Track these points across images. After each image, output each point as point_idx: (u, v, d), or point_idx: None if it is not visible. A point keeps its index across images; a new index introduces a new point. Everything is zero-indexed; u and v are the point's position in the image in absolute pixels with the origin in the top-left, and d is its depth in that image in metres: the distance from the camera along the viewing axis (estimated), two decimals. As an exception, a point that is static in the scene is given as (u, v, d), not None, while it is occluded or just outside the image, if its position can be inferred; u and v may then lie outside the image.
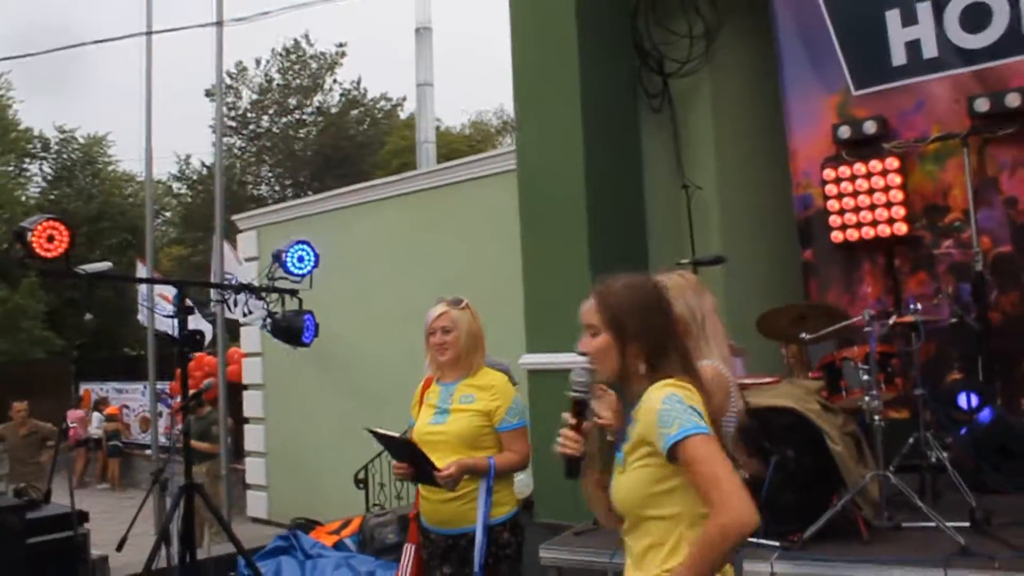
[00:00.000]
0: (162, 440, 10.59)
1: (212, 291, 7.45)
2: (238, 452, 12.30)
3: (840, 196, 6.55)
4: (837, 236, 6.59)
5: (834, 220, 6.58)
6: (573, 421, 2.21)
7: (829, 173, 6.60)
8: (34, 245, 4.39)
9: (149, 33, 7.49)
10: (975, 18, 6.08)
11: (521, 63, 7.26)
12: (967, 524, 3.86)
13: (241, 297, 5.69)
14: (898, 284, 6.42)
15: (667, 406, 2.03)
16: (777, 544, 3.88)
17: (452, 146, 27.19)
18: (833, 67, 6.75)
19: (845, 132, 6.58)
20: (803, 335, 4.43)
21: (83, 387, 18.04)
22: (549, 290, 6.87)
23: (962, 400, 5.49)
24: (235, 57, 31.10)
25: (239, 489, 12.07)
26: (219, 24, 7.18)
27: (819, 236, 6.76)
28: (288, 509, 10.44)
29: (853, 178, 6.50)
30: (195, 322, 6.31)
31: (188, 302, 5.09)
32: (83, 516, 5.13)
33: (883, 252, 6.54)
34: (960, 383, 5.69)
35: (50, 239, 4.44)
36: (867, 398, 4.00)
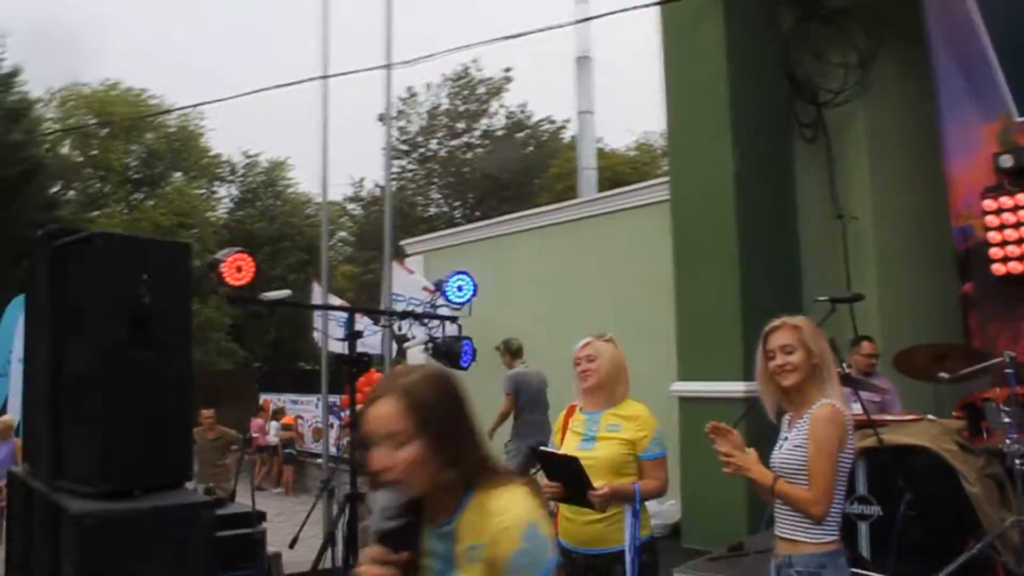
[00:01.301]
0: (332, 450, 11.23)
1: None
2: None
3: (1002, 227, 6.36)
4: (999, 268, 6.39)
5: (995, 252, 6.39)
6: (388, 556, 1.77)
7: (990, 203, 6.42)
8: (225, 275, 4.90)
9: (325, 77, 8.08)
10: None
11: (672, 94, 7.44)
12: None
13: (405, 323, 6.09)
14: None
15: (527, 545, 1.72)
16: (907, 583, 3.90)
17: (616, 168, 27.32)
18: (993, 94, 6.59)
19: (1007, 161, 6.40)
20: (942, 374, 4.41)
21: (263, 397, 19.25)
22: (701, 320, 7.00)
23: None
24: (407, 82, 32.38)
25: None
26: (388, 67, 7.65)
27: (980, 269, 6.58)
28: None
29: (1016, 208, 6.31)
30: (363, 344, 6.77)
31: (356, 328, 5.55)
32: (261, 516, 5.60)
33: (1048, 286, 6.31)
34: None
35: (239, 269, 4.95)
36: (1008, 440, 3.96)
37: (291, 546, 5.24)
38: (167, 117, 30.96)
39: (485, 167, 31.40)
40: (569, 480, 3.62)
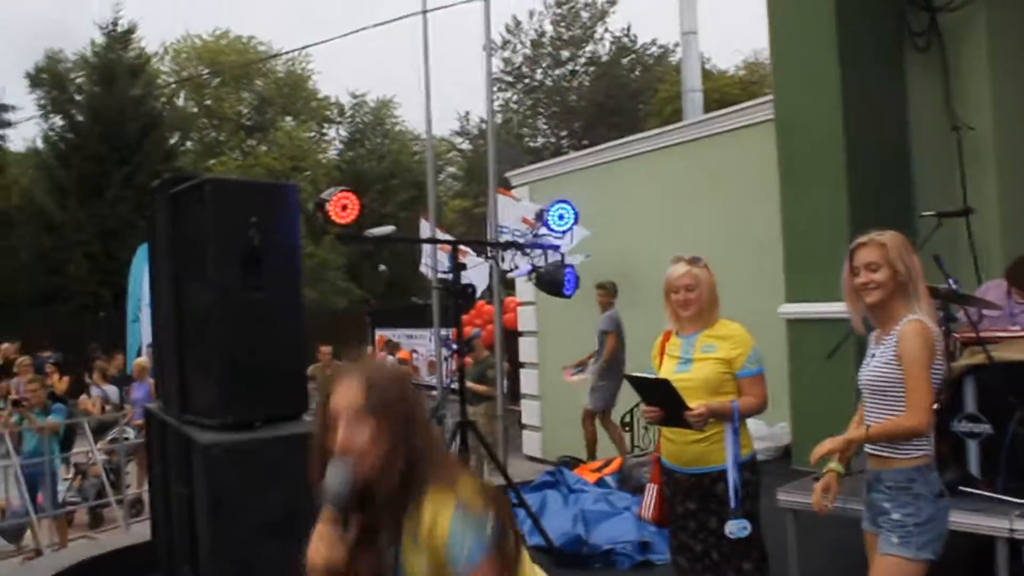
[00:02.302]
0: (446, 381, 11.55)
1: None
2: (514, 395, 13.12)
3: None
4: None
5: (1124, 158, 6.05)
6: (332, 528, 1.81)
7: (1119, 107, 6.06)
8: (331, 213, 5.06)
9: (424, 12, 8.15)
10: None
11: (776, 7, 7.21)
12: None
13: (508, 253, 6.19)
14: None
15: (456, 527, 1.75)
16: (1018, 501, 3.81)
17: (725, 90, 26.64)
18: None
19: None
20: (1059, 288, 4.25)
21: (378, 333, 19.79)
22: (808, 241, 6.87)
23: None
24: (511, 10, 32.16)
25: (515, 429, 12.89)
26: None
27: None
28: (560, 448, 11.05)
29: None
30: (471, 276, 6.90)
31: (461, 260, 5.68)
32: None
33: None
34: None
35: (344, 208, 5.11)
36: None
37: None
38: (275, 63, 31.61)
39: (592, 94, 31.09)
40: (665, 402, 3.67)
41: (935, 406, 3.00)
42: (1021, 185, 6.96)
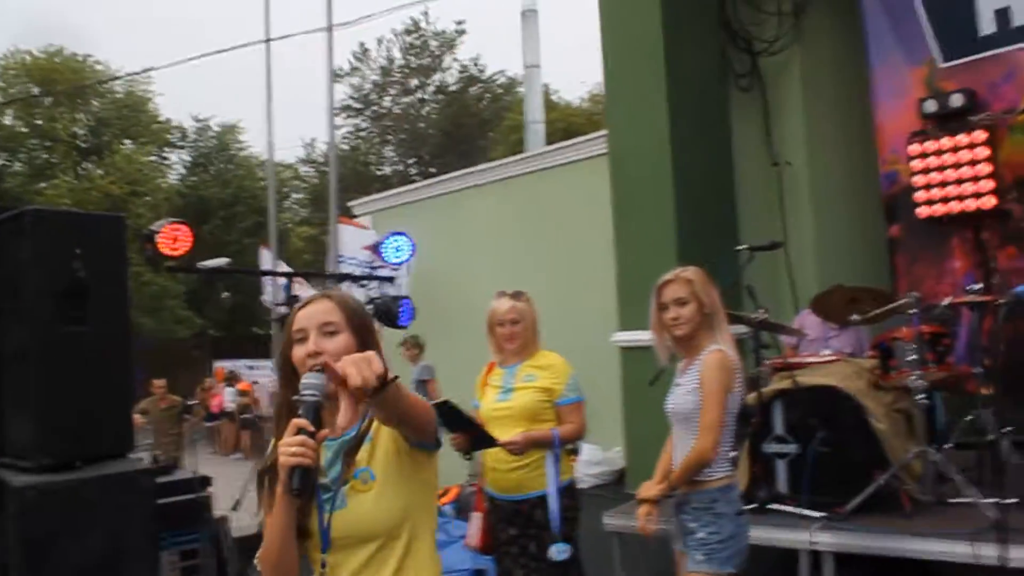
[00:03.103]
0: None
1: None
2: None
3: (926, 171, 6.54)
4: (923, 211, 6.58)
5: (920, 195, 6.57)
6: (312, 428, 1.80)
7: (915, 148, 6.59)
8: (161, 246, 4.93)
9: (268, 40, 8.10)
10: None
11: (609, 45, 7.49)
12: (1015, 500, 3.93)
13: (345, 284, 6.18)
14: (986, 259, 6.39)
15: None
16: (819, 515, 4.10)
17: (571, 120, 27.28)
18: (919, 39, 6.73)
19: (931, 106, 6.56)
20: (855, 316, 4.59)
21: (217, 364, 19.31)
22: (640, 270, 7.11)
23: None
24: (360, 38, 32.04)
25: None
26: (329, 29, 7.67)
27: (905, 212, 6.77)
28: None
29: (939, 152, 6.47)
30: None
31: (294, 292, 5.64)
32: (206, 481, 5.69)
33: (971, 226, 6.51)
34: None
35: (175, 240, 4.99)
36: (913, 377, 4.15)
37: (234, 508, 5.36)
38: (113, 84, 30.43)
39: (440, 123, 31.30)
40: (463, 426, 3.74)
41: (748, 429, 3.21)
42: (833, 218, 7.46)
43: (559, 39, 36.77)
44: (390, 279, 5.93)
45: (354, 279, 6.00)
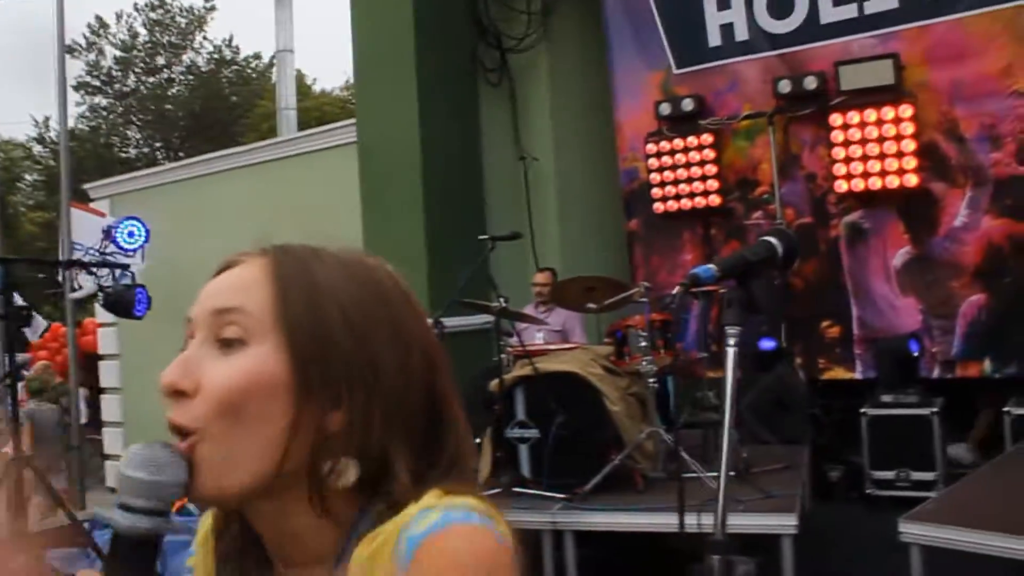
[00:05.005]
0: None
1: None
2: (96, 423, 12.18)
3: (661, 169, 6.95)
4: (659, 207, 6.99)
5: (656, 192, 6.98)
6: None
7: (651, 147, 6.98)
8: None
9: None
10: (780, 6, 6.52)
11: (360, 36, 7.43)
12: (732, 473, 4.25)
13: (71, 273, 5.75)
14: (713, 252, 6.87)
15: None
16: (560, 496, 4.26)
17: (326, 108, 26.86)
18: (657, 46, 7.11)
19: (666, 109, 6.96)
20: (590, 305, 4.80)
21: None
22: (389, 260, 7.09)
23: (764, 345, 5.94)
24: (96, 10, 29.95)
25: (98, 460, 11.97)
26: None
27: (643, 207, 7.17)
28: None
29: (673, 152, 6.90)
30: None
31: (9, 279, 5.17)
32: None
33: (700, 222, 6.99)
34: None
35: None
36: (644, 362, 4.41)
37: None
38: None
39: (189, 105, 29.86)
40: None
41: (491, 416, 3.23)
42: (576, 209, 7.76)
43: (315, 25, 36.05)
44: (124, 267, 5.56)
45: (85, 266, 5.58)
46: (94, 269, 5.61)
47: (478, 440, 3.29)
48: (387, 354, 0.87)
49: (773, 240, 1.97)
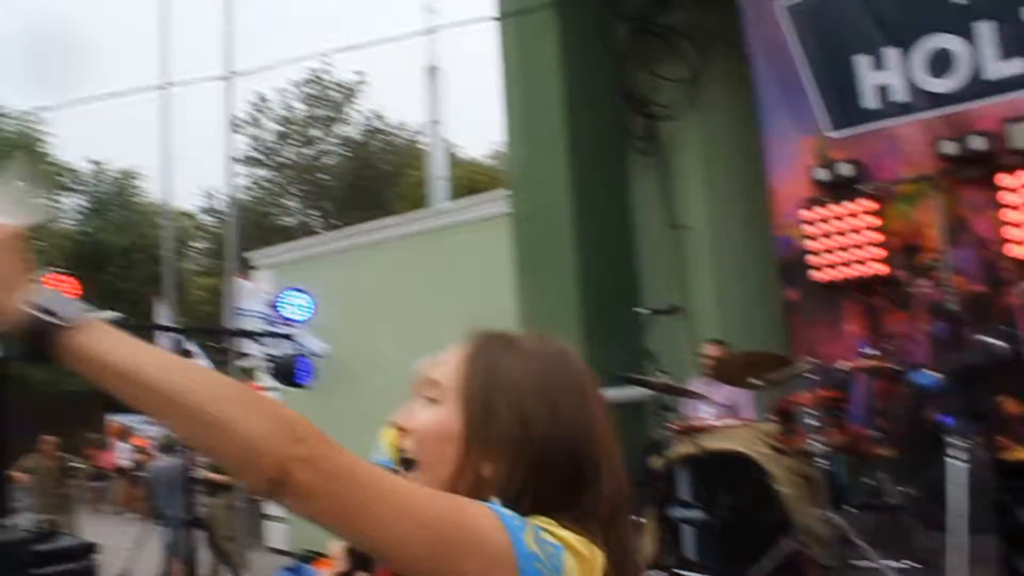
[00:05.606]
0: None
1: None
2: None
3: (819, 237, 6.73)
4: (818, 276, 6.75)
5: (814, 260, 6.75)
6: None
7: (808, 214, 6.79)
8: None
9: (163, 87, 7.92)
10: (940, 63, 6.28)
11: (511, 107, 7.58)
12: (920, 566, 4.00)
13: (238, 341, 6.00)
14: (877, 323, 6.59)
15: None
16: (729, 582, 4.12)
17: (474, 176, 27.40)
18: (809, 110, 6.95)
19: (822, 174, 6.77)
20: (753, 381, 4.66)
21: (110, 418, 18.55)
22: (542, 328, 7.12)
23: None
24: (259, 87, 31.66)
25: (257, 519, 12.36)
26: (227, 78, 7.55)
27: (801, 276, 6.93)
28: (306, 540, 10.69)
29: (831, 219, 6.68)
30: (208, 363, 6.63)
31: (188, 347, 5.45)
32: (90, 548, 5.41)
33: (864, 291, 6.71)
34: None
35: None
36: (813, 441, 4.23)
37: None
38: (5, 122, 29.42)
39: (343, 174, 31.10)
40: None
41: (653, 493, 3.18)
42: (732, 282, 7.61)
43: (461, 94, 37.08)
44: (286, 336, 5.76)
45: (251, 335, 5.82)
46: (261, 338, 5.83)
47: (641, 518, 3.21)
48: (540, 430, 1.16)
49: (997, 341, 1.85)
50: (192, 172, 29.64)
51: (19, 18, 48.47)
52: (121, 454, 17.49)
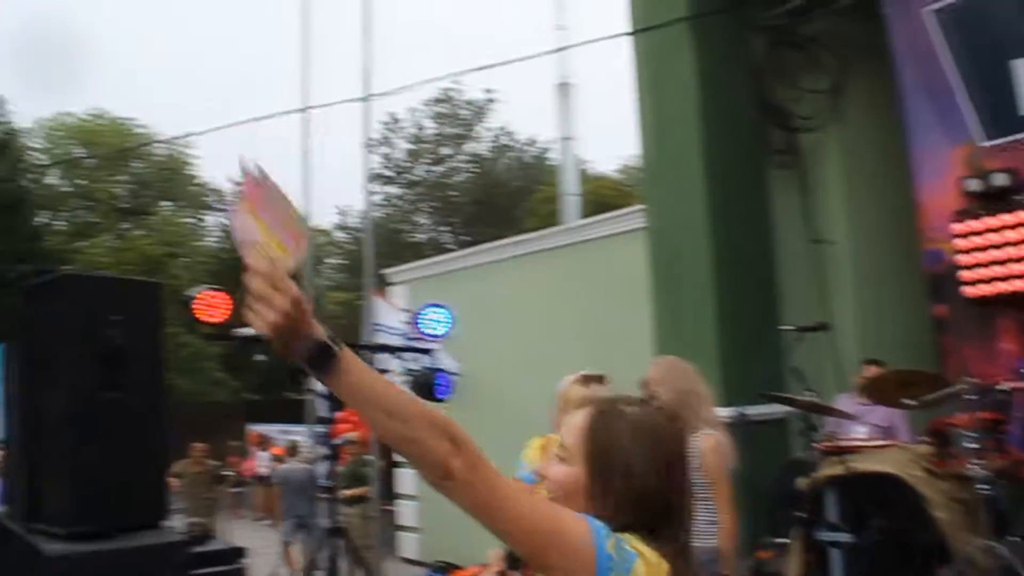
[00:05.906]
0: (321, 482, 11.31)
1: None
2: (389, 494, 12.83)
3: (971, 250, 6.43)
4: (970, 291, 6.44)
5: (966, 275, 6.45)
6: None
7: (959, 227, 6.49)
8: (197, 312, 4.91)
9: (304, 109, 8.21)
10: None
11: (645, 123, 7.52)
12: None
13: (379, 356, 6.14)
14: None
15: None
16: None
17: (602, 192, 27.36)
18: (958, 119, 6.66)
19: (975, 185, 6.46)
20: (907, 401, 4.46)
21: (251, 428, 19.25)
22: (677, 347, 7.01)
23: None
24: (392, 107, 32.46)
25: (391, 530, 12.57)
26: (365, 99, 7.76)
27: (951, 292, 6.63)
28: (439, 551, 10.80)
29: (985, 232, 6.37)
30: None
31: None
32: (239, 552, 5.60)
33: (1019, 307, 6.36)
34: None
35: (212, 306, 4.97)
36: (972, 466, 4.01)
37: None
38: (155, 146, 31.02)
39: (472, 191, 31.55)
40: None
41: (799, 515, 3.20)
42: (876, 295, 7.33)
43: (589, 111, 37.08)
44: (426, 351, 5.86)
45: (390, 350, 5.95)
46: (400, 353, 5.95)
47: (785, 540, 3.13)
48: (639, 483, 1.59)
49: None
50: (326, 190, 30.67)
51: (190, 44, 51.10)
52: (260, 462, 18.10)
